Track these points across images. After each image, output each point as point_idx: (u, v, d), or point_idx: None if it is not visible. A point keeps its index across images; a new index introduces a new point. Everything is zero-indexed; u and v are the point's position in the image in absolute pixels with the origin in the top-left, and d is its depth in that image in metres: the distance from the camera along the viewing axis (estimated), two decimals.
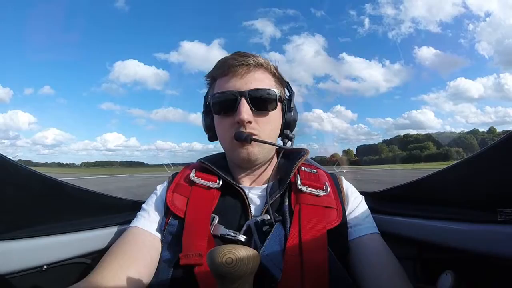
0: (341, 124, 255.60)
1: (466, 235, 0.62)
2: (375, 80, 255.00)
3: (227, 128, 0.65)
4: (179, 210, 0.63)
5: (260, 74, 0.66)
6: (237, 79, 0.64)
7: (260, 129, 0.64)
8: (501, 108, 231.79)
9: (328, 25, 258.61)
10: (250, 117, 0.62)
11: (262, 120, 0.65)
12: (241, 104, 0.62)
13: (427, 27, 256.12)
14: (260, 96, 0.64)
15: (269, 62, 0.69)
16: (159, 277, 0.58)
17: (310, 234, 0.58)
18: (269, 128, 0.66)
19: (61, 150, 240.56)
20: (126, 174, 29.21)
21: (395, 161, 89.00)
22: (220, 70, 0.67)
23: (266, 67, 0.68)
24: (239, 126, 0.63)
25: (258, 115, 0.64)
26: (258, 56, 0.67)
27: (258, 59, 0.66)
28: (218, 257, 0.37)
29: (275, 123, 0.68)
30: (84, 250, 0.74)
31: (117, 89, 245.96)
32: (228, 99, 0.64)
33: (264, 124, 0.65)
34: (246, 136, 0.61)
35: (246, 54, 0.67)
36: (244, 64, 0.64)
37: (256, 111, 0.64)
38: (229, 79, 0.65)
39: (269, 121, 0.66)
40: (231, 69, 0.64)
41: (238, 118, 0.61)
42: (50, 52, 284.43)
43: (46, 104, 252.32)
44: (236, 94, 0.63)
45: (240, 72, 0.64)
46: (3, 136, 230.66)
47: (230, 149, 0.67)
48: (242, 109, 0.61)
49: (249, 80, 0.64)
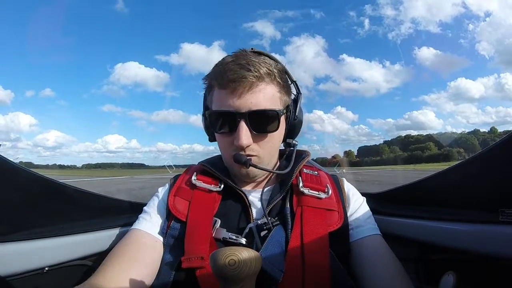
0: (342, 125, 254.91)
1: (467, 236, 0.62)
2: (375, 81, 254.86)
3: (227, 146, 0.64)
4: (181, 214, 0.63)
5: (263, 89, 0.60)
6: (236, 98, 0.59)
7: (260, 150, 0.63)
8: (502, 108, 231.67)
9: (328, 26, 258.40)
10: (249, 141, 0.60)
11: (262, 141, 0.63)
12: (240, 128, 0.59)
13: (427, 27, 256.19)
14: (260, 118, 0.60)
15: (273, 68, 0.62)
16: (161, 280, 0.58)
17: (312, 236, 0.58)
18: (270, 146, 0.65)
19: (62, 152, 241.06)
20: (127, 176, 29.22)
21: (396, 162, 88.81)
22: (217, 81, 0.62)
23: (270, 77, 0.61)
24: (238, 149, 0.61)
25: (258, 137, 0.62)
26: (261, 64, 0.60)
27: (260, 70, 0.59)
28: (221, 259, 0.37)
29: (277, 140, 0.66)
30: (86, 252, 0.74)
31: (118, 91, 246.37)
32: (226, 119, 0.61)
33: (265, 144, 0.63)
34: (245, 160, 0.60)
35: (247, 63, 0.59)
36: (243, 79, 0.58)
37: (256, 133, 0.61)
38: (227, 95, 0.60)
39: (270, 140, 0.64)
40: (230, 85, 0.59)
41: (237, 142, 0.60)
42: (50, 55, 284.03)
43: (47, 106, 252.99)
44: (235, 115, 0.59)
45: (239, 90, 0.59)
46: (4, 138, 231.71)
47: (230, 165, 0.67)
48: (241, 133, 0.59)
49: (249, 99, 0.59)
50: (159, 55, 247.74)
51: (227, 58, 0.63)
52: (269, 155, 0.66)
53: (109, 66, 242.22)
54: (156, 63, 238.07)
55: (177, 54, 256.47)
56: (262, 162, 0.64)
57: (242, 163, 0.60)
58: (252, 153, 0.62)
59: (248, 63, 0.59)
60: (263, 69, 0.60)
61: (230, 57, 0.63)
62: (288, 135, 0.70)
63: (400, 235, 0.78)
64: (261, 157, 0.64)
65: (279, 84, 0.64)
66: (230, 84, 0.59)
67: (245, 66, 0.59)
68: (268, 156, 0.66)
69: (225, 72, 0.59)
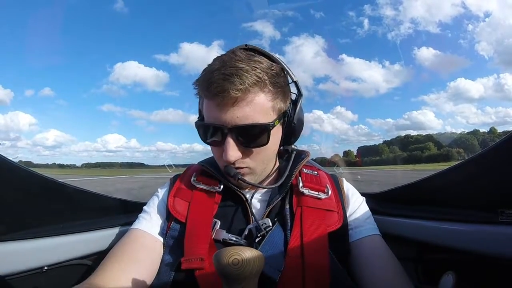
0: (341, 125, 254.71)
1: (467, 236, 0.62)
2: (375, 81, 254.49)
3: (218, 156, 0.63)
4: (180, 215, 0.63)
5: (249, 102, 0.56)
6: (222, 112, 0.56)
7: (250, 162, 0.61)
8: (501, 108, 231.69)
9: (327, 26, 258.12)
10: (237, 156, 0.58)
11: (252, 154, 0.60)
12: (226, 143, 0.57)
13: (427, 27, 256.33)
14: (247, 133, 0.57)
15: (264, 74, 0.57)
16: (160, 280, 0.58)
17: (311, 236, 0.58)
18: (261, 158, 0.62)
19: (61, 151, 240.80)
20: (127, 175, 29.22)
21: (396, 162, 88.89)
22: (204, 93, 0.58)
23: (259, 85, 0.56)
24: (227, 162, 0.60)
25: (247, 150, 0.60)
26: (250, 71, 0.55)
27: (247, 80, 0.54)
28: (225, 258, 0.38)
29: (269, 150, 0.62)
30: (85, 251, 0.74)
31: (117, 90, 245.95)
32: (213, 132, 0.60)
33: (255, 156, 0.61)
34: (234, 174, 0.59)
35: (234, 72, 0.54)
36: (228, 93, 0.53)
37: (244, 147, 0.59)
38: (214, 107, 0.57)
39: (261, 152, 0.60)
40: (216, 97, 0.55)
41: (225, 158, 0.58)
42: (50, 54, 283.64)
43: (46, 105, 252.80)
44: (221, 129, 0.57)
45: (225, 103, 0.55)
46: (4, 137, 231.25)
47: (224, 173, 0.64)
48: (228, 148, 0.57)
49: (235, 114, 0.55)
50: (158, 54, 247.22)
51: (215, 64, 0.58)
52: (261, 165, 0.63)
53: (109, 66, 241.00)
54: (155, 63, 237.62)
55: (176, 53, 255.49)
56: (254, 173, 0.63)
57: (231, 176, 0.60)
58: (242, 165, 0.60)
59: (233, 73, 0.54)
60: (251, 78, 0.55)
61: (218, 63, 0.57)
62: (285, 140, 0.66)
63: (399, 235, 0.78)
64: (252, 168, 0.62)
65: (271, 91, 0.58)
66: (214, 97, 0.55)
67: (230, 77, 0.54)
68: (261, 166, 0.64)
69: (210, 84, 0.55)
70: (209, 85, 0.55)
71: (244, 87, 0.54)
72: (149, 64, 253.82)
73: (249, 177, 0.62)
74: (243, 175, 0.61)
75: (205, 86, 0.57)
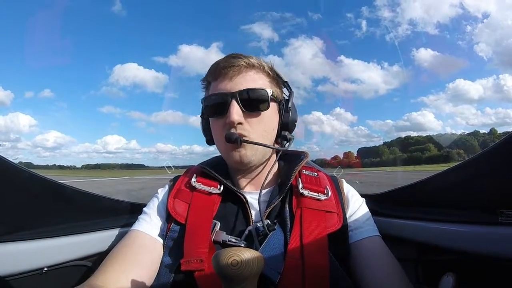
0: (341, 126, 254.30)
1: (467, 237, 0.62)
2: (374, 82, 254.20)
3: (220, 129, 0.65)
4: (180, 216, 0.63)
5: (252, 75, 0.66)
6: (228, 81, 0.64)
7: (251, 130, 0.63)
8: (501, 109, 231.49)
9: (325, 28, 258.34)
10: (240, 118, 0.62)
11: (253, 120, 0.64)
12: (231, 106, 0.62)
13: (425, 29, 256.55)
14: (250, 96, 0.63)
15: (262, 62, 0.68)
16: (160, 282, 0.58)
17: (311, 237, 0.58)
18: (262, 129, 0.65)
19: (61, 153, 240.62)
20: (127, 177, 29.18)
21: (396, 163, 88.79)
22: (212, 74, 0.67)
23: (259, 67, 0.67)
24: (230, 128, 0.62)
25: (249, 116, 0.63)
26: (251, 57, 0.66)
27: (250, 60, 0.65)
28: (224, 259, 0.37)
29: (268, 123, 0.66)
30: (85, 252, 0.74)
31: (117, 92, 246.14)
32: (219, 101, 0.64)
33: (256, 124, 0.64)
34: (236, 137, 0.61)
35: (238, 55, 0.66)
36: (234, 65, 0.64)
37: (247, 112, 0.63)
38: (220, 81, 0.65)
39: (261, 121, 0.65)
40: (222, 72, 0.64)
41: (228, 119, 0.61)
42: (50, 56, 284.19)
43: (46, 107, 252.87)
44: (226, 96, 0.63)
45: (230, 74, 0.64)
46: (4, 139, 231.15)
47: (224, 151, 0.67)
48: (232, 110, 0.61)
49: (239, 82, 0.64)
50: (157, 56, 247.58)
51: (221, 58, 0.68)
52: (261, 138, 0.64)
53: (108, 67, 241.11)
54: (154, 65, 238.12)
55: (175, 55, 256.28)
56: (254, 148, 0.64)
57: (233, 140, 0.61)
58: (243, 133, 0.62)
59: (238, 56, 0.66)
60: (253, 60, 0.66)
61: (223, 57, 0.68)
62: (282, 128, 0.69)
63: (399, 236, 0.78)
64: (252, 139, 0.63)
65: (269, 75, 0.69)
66: (222, 71, 0.65)
67: (237, 56, 0.66)
68: (260, 139, 0.64)
69: (218, 63, 0.66)
70: (217, 65, 0.66)
71: (248, 62, 0.65)
72: (148, 66, 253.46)
73: (249, 151, 0.63)
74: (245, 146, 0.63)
75: (213, 69, 0.67)
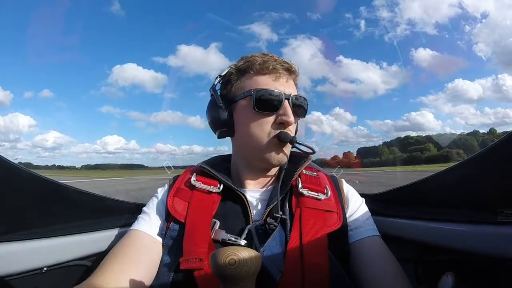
0: (340, 126, 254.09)
1: (466, 236, 0.62)
2: (373, 82, 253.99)
3: (267, 126, 0.64)
4: (180, 215, 0.63)
5: (296, 84, 0.71)
6: (282, 82, 0.66)
7: (293, 133, 0.68)
8: (500, 109, 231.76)
9: (324, 28, 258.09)
10: (294, 120, 0.65)
11: (295, 125, 0.69)
12: (286, 107, 0.64)
13: (424, 29, 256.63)
14: (300, 103, 0.67)
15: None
16: (160, 281, 0.58)
17: (311, 237, 0.58)
18: (294, 133, 0.70)
19: (61, 153, 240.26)
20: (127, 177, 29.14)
21: (395, 163, 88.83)
22: (259, 67, 0.66)
23: (297, 76, 0.71)
24: (283, 127, 0.65)
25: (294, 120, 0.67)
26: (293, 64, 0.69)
27: (296, 67, 0.69)
28: (222, 258, 0.37)
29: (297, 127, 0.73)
30: (85, 252, 0.74)
31: (116, 92, 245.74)
32: (274, 99, 0.64)
33: (294, 128, 0.70)
34: (291, 139, 0.64)
35: (285, 60, 0.68)
36: (290, 69, 0.68)
37: (294, 116, 0.66)
38: (273, 79, 0.66)
39: (295, 127, 0.71)
40: (275, 71, 0.66)
41: (287, 119, 0.63)
42: (49, 56, 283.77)
43: (46, 107, 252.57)
44: (283, 96, 0.64)
45: (284, 76, 0.67)
46: (4, 139, 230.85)
47: (264, 149, 0.65)
48: (289, 112, 0.64)
49: (291, 86, 0.68)
50: (156, 57, 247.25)
51: (258, 53, 0.70)
52: None
53: (107, 68, 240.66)
54: (153, 65, 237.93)
55: (174, 56, 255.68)
56: (289, 149, 0.69)
57: (289, 141, 0.64)
58: (291, 134, 0.66)
59: (285, 61, 0.68)
60: (296, 68, 0.70)
61: (261, 54, 0.69)
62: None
63: (399, 236, 0.78)
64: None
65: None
66: (275, 70, 0.66)
67: (285, 60, 0.68)
68: None
69: (268, 61, 0.66)
70: (266, 61, 0.66)
71: (295, 70, 0.70)
72: (147, 66, 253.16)
73: (288, 153, 0.69)
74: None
75: (260, 62, 0.66)
